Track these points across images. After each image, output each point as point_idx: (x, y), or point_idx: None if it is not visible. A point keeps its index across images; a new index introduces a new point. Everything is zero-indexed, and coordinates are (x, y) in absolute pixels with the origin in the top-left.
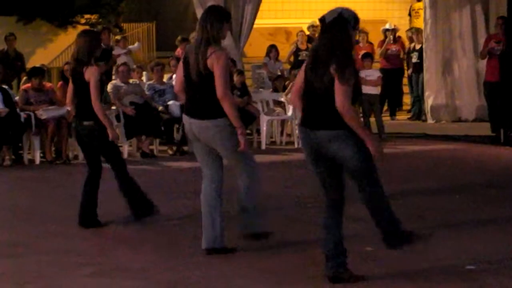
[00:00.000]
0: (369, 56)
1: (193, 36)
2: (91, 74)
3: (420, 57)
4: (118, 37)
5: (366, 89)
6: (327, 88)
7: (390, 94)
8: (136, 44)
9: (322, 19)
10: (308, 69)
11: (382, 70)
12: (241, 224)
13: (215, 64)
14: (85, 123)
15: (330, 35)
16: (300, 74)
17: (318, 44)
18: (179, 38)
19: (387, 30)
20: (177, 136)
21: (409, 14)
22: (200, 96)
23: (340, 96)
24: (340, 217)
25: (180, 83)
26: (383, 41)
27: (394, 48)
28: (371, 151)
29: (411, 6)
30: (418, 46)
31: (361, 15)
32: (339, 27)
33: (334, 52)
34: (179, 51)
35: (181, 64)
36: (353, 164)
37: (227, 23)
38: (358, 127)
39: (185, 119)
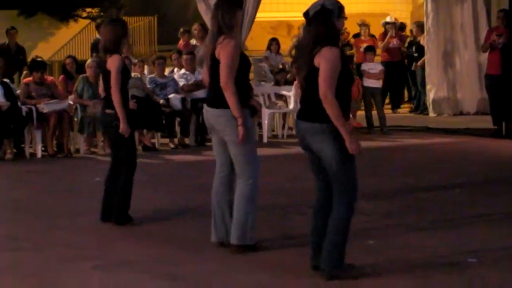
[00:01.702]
0: (371, 49)
1: (195, 27)
2: (112, 62)
3: (418, 50)
4: None
5: (368, 82)
6: (312, 80)
7: (392, 87)
8: None
9: (306, 13)
10: (295, 62)
11: (383, 63)
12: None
13: (221, 52)
14: (107, 111)
15: (314, 28)
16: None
17: (303, 37)
18: (181, 30)
19: (387, 23)
20: (178, 129)
21: None
22: (214, 85)
23: (322, 80)
24: (329, 203)
25: (207, 74)
26: (383, 34)
27: (395, 41)
28: (346, 145)
29: None
30: (418, 40)
31: (363, 8)
32: (323, 19)
33: (320, 42)
34: (181, 44)
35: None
36: (330, 164)
37: (239, 10)
38: (337, 118)
39: (204, 108)
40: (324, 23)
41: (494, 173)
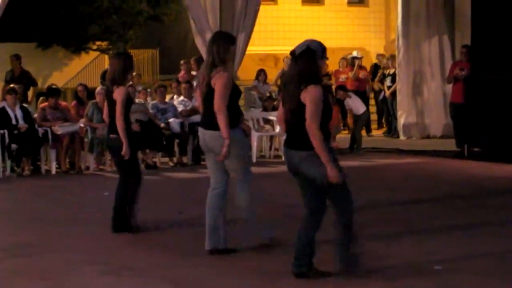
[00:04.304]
0: (343, 88)
1: (192, 62)
2: (118, 94)
3: (393, 81)
4: None
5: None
6: (298, 113)
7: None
8: None
9: (292, 52)
10: (282, 96)
11: (354, 91)
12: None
13: (217, 82)
14: (111, 136)
15: (300, 66)
16: (281, 101)
17: (289, 73)
18: (181, 62)
19: (355, 57)
20: (177, 149)
21: None
22: (209, 110)
23: (308, 116)
24: (313, 225)
25: (199, 100)
26: (351, 66)
27: (364, 73)
28: (328, 175)
29: None
30: (392, 71)
31: (342, 43)
32: (308, 58)
33: (304, 79)
34: (182, 73)
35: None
36: (322, 183)
37: (232, 45)
38: (320, 149)
39: (200, 131)
40: (308, 62)
41: (457, 190)
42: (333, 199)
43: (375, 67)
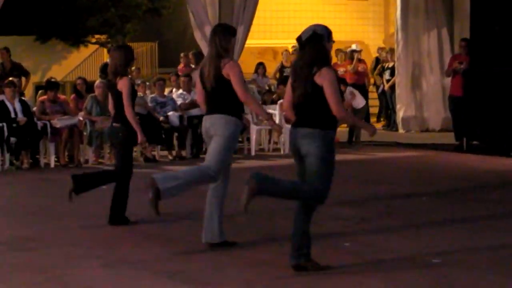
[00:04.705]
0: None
1: (190, 55)
2: (123, 84)
3: (392, 74)
4: None
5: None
6: (311, 95)
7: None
8: None
9: (299, 38)
10: (292, 82)
11: (352, 85)
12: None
13: (231, 73)
14: (114, 124)
15: (309, 50)
16: (288, 88)
17: (298, 59)
18: (181, 54)
19: (354, 50)
20: (176, 142)
21: None
22: (216, 99)
23: (330, 98)
24: (309, 213)
25: (201, 94)
26: (350, 60)
27: (364, 66)
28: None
29: None
30: (390, 65)
31: (340, 37)
32: (315, 43)
33: (315, 63)
34: (181, 65)
35: (199, 79)
36: (311, 162)
37: (233, 37)
38: (353, 119)
39: (205, 119)
40: (317, 46)
41: (456, 183)
42: (314, 178)
43: (377, 61)
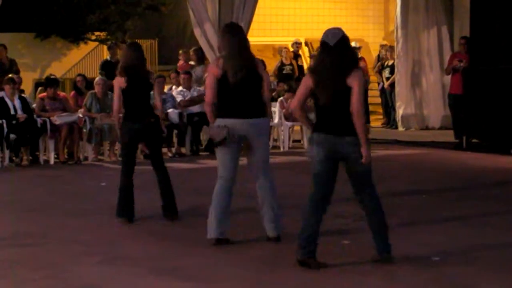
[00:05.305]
0: None
1: (191, 52)
2: (158, 81)
3: (392, 72)
4: None
5: None
6: (342, 97)
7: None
8: None
9: (325, 42)
10: (315, 86)
11: None
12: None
13: (263, 72)
14: (151, 120)
15: (341, 53)
16: (301, 89)
17: (328, 61)
18: (180, 51)
19: (353, 48)
20: (175, 140)
21: None
22: (255, 99)
23: (356, 99)
24: (321, 213)
25: (213, 96)
26: None
27: (363, 63)
28: (363, 152)
29: None
30: (390, 62)
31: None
32: (346, 44)
33: (348, 65)
34: (180, 62)
35: (214, 80)
36: (365, 167)
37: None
38: (363, 129)
39: (237, 121)
40: (347, 49)
41: (456, 181)
42: (366, 181)
43: (379, 58)
